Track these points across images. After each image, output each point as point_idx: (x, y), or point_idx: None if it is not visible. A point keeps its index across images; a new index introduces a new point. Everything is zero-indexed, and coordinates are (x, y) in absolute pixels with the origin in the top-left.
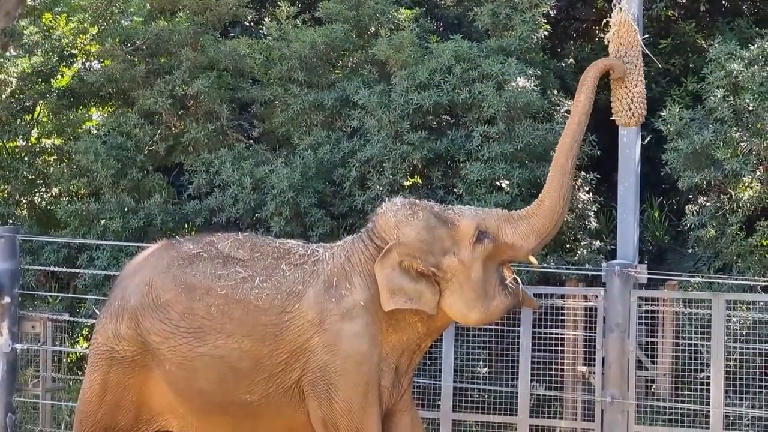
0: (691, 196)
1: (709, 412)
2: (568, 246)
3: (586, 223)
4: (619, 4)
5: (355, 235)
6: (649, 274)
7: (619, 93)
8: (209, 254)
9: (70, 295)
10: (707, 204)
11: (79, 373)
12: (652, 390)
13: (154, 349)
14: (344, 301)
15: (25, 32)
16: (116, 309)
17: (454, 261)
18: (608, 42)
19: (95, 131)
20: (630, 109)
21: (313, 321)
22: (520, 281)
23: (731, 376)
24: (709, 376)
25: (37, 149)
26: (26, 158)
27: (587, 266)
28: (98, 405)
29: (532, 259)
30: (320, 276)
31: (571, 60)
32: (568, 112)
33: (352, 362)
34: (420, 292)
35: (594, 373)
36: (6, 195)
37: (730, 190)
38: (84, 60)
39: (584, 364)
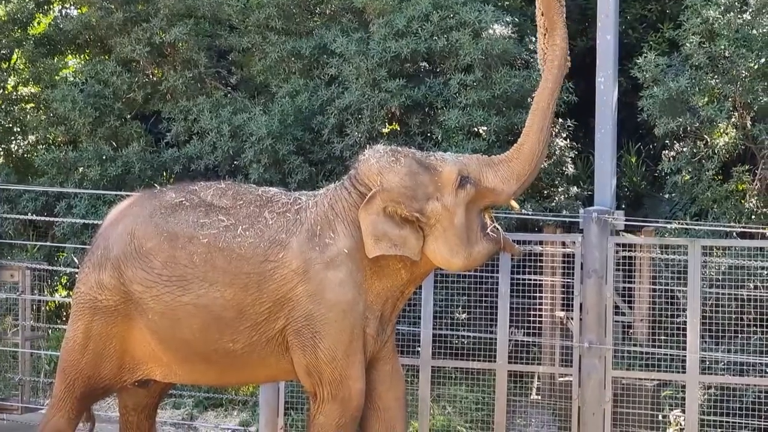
0: (667, 142)
1: (685, 356)
2: (545, 192)
3: (564, 169)
4: None
5: (338, 183)
6: (626, 220)
7: (544, 45)
8: (191, 203)
9: (48, 243)
10: (683, 150)
11: (59, 322)
12: (630, 335)
13: (137, 298)
14: (328, 249)
15: None
16: (99, 258)
17: (438, 206)
18: None
19: (72, 79)
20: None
21: (297, 270)
22: (501, 228)
23: (707, 321)
24: (685, 321)
25: (14, 97)
26: (3, 106)
27: (565, 212)
28: (81, 354)
29: (514, 204)
30: (304, 224)
31: None
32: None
33: (337, 310)
34: (404, 237)
35: (572, 318)
36: None
37: (706, 136)
38: (60, 7)
39: (562, 310)
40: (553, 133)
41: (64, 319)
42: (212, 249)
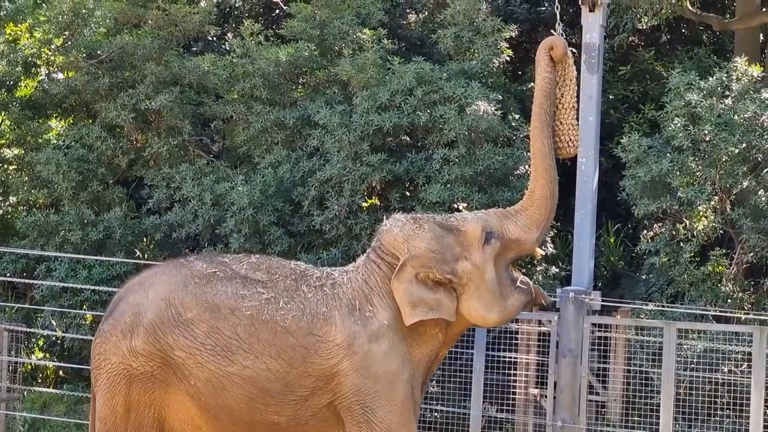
0: (646, 223)
1: None
2: (523, 271)
3: (543, 248)
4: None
5: (365, 257)
6: (602, 300)
7: (565, 125)
8: (226, 274)
9: (26, 306)
10: (662, 231)
11: (34, 384)
12: (603, 415)
13: (178, 364)
14: (370, 323)
15: None
16: (128, 325)
17: (468, 265)
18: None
19: (56, 142)
20: (565, 141)
21: (341, 344)
22: (529, 280)
23: (681, 403)
24: (659, 403)
25: None
26: None
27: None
28: (124, 428)
29: (538, 251)
30: (342, 299)
31: (533, 84)
32: (527, 136)
33: (385, 382)
34: (439, 300)
35: (546, 396)
36: None
37: (685, 219)
38: (47, 71)
39: (536, 388)
40: None
41: (39, 381)
42: (256, 321)
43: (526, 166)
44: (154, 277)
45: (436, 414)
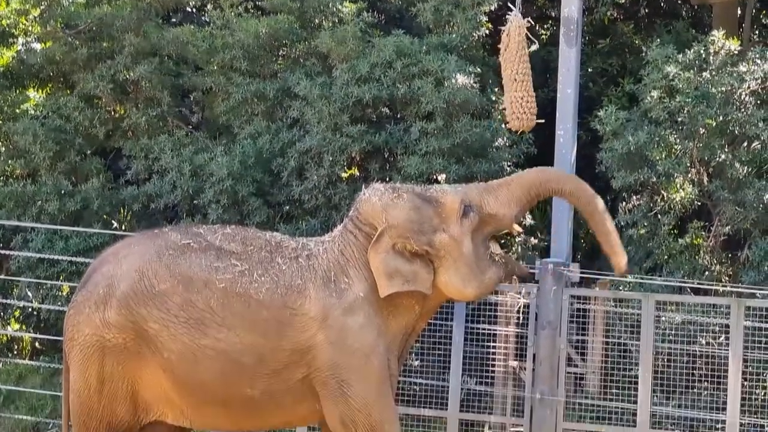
0: (624, 195)
1: (636, 410)
2: (503, 242)
3: (522, 219)
4: (514, 11)
5: (341, 227)
6: (581, 272)
7: (510, 97)
8: (200, 245)
9: (2, 276)
10: (640, 203)
11: (10, 355)
12: (582, 387)
13: (151, 336)
14: (345, 294)
15: None
16: (101, 296)
17: (445, 237)
18: (502, 46)
19: (34, 113)
20: (520, 113)
21: (316, 317)
22: (507, 253)
23: (659, 375)
24: (637, 375)
25: None
26: None
27: (521, 263)
28: (98, 400)
29: (517, 227)
30: (317, 271)
31: None
32: (505, 109)
33: (360, 355)
34: (416, 272)
35: (524, 369)
36: None
37: (663, 191)
38: (24, 41)
39: (515, 360)
40: None
41: (15, 352)
42: (229, 294)
43: (504, 138)
44: (128, 248)
45: (414, 387)
